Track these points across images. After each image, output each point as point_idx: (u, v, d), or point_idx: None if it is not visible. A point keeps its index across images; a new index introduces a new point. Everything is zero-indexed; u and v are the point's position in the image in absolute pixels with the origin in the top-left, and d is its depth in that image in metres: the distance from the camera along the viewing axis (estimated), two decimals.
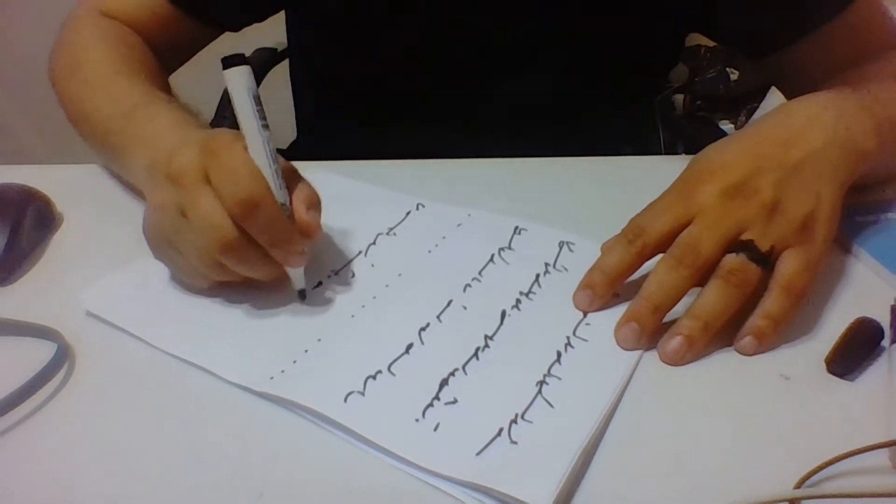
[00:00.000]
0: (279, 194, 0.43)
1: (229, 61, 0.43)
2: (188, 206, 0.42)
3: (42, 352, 0.42)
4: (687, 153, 1.10)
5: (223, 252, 0.42)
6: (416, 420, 0.38)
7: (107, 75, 0.60)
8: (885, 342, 0.43)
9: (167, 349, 0.43)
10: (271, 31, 0.81)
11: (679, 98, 1.65)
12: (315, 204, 0.45)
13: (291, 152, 0.91)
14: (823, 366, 0.42)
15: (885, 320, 0.44)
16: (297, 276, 0.46)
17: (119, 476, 0.36)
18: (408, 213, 0.56)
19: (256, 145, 0.43)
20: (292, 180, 0.45)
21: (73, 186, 0.60)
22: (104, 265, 0.51)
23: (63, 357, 0.42)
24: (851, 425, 0.38)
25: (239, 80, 0.43)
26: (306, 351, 0.43)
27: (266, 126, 0.43)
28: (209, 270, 0.44)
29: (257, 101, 0.43)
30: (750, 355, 0.43)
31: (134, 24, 0.67)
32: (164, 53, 0.68)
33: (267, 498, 0.35)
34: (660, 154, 0.95)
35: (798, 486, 0.34)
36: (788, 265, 0.43)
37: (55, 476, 0.36)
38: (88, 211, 0.58)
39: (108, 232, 0.56)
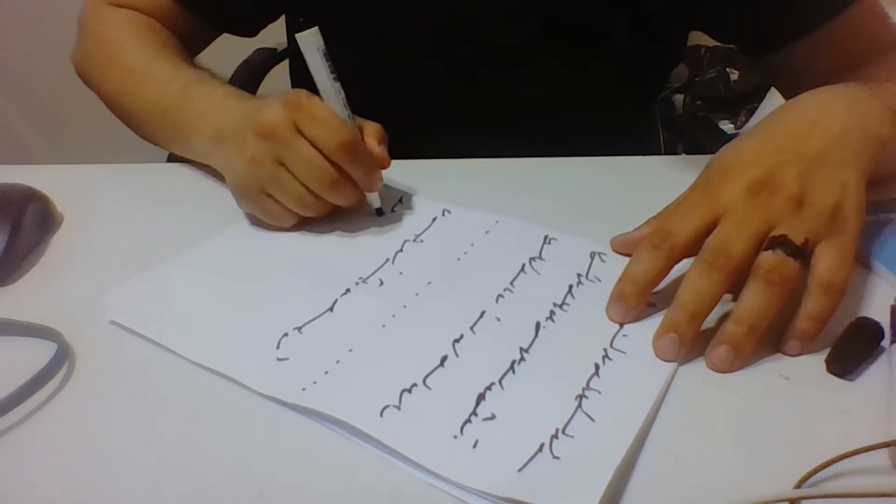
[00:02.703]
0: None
1: (300, 26, 0.49)
2: (287, 155, 0.49)
3: (42, 352, 0.42)
4: (687, 153, 1.10)
5: (329, 189, 0.50)
6: (455, 437, 0.37)
7: (149, 62, 0.63)
8: (885, 342, 0.43)
9: (195, 359, 0.42)
10: (271, 31, 0.82)
11: (679, 98, 1.65)
12: (383, 138, 0.54)
13: None
14: (823, 366, 0.42)
15: (885, 320, 0.43)
16: (373, 198, 0.55)
17: (119, 476, 0.36)
18: (434, 220, 0.55)
19: (331, 94, 0.50)
20: (360, 122, 0.53)
21: (73, 186, 0.60)
22: (104, 265, 0.51)
23: (63, 357, 0.42)
24: (851, 425, 0.38)
25: (311, 41, 0.49)
26: (338, 361, 0.42)
27: (336, 78, 0.50)
28: (306, 209, 0.52)
29: (327, 57, 0.50)
30: (796, 356, 0.42)
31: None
32: None
33: (267, 498, 0.35)
34: (660, 154, 0.95)
35: (798, 486, 0.34)
36: (825, 261, 0.42)
37: (55, 476, 0.36)
38: (88, 211, 0.58)
39: (108, 232, 0.56)
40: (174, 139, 0.61)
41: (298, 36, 0.49)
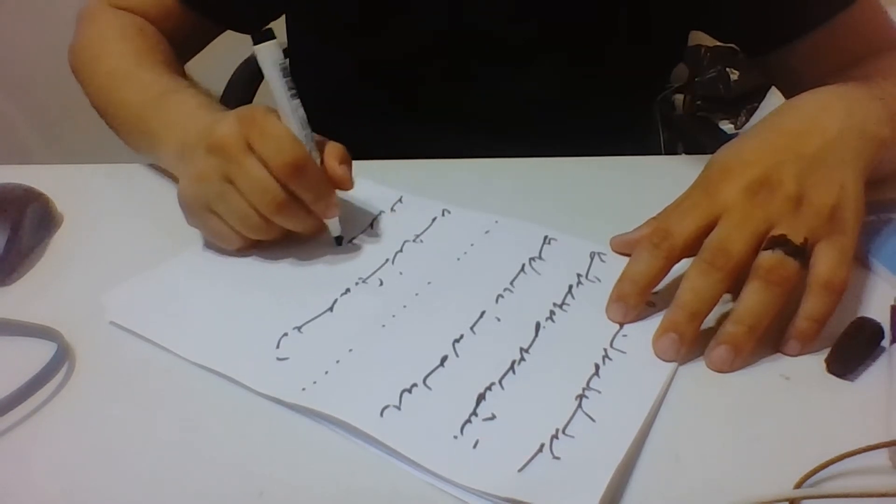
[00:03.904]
0: (313, 154, 0.48)
1: (259, 37, 0.47)
2: (235, 172, 0.46)
3: (42, 352, 0.42)
4: (687, 153, 1.11)
5: (276, 211, 0.47)
6: (455, 437, 0.37)
7: (130, 66, 0.63)
8: (885, 342, 0.43)
9: (195, 360, 0.42)
10: None
11: (679, 98, 1.65)
12: (346, 159, 0.50)
13: None
14: (823, 366, 0.42)
15: (885, 320, 0.43)
16: (333, 225, 0.51)
17: (119, 476, 0.36)
18: (434, 220, 0.55)
19: (287, 112, 0.48)
20: (321, 140, 0.50)
21: (73, 186, 0.60)
22: (104, 265, 0.51)
23: (63, 357, 0.42)
24: (851, 425, 0.38)
25: (268, 54, 0.47)
26: (338, 361, 0.42)
27: (294, 95, 0.48)
28: (252, 231, 0.49)
29: (286, 71, 0.47)
30: (795, 356, 0.42)
31: (143, 17, 0.69)
32: (173, 46, 0.69)
33: (267, 498, 0.35)
34: (660, 154, 0.95)
35: (798, 486, 0.34)
36: (824, 261, 0.42)
37: (55, 476, 0.36)
38: (88, 211, 0.58)
39: (108, 232, 0.56)
40: (146, 147, 0.60)
41: (255, 48, 0.47)
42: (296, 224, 0.49)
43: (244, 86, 1.10)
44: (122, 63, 0.63)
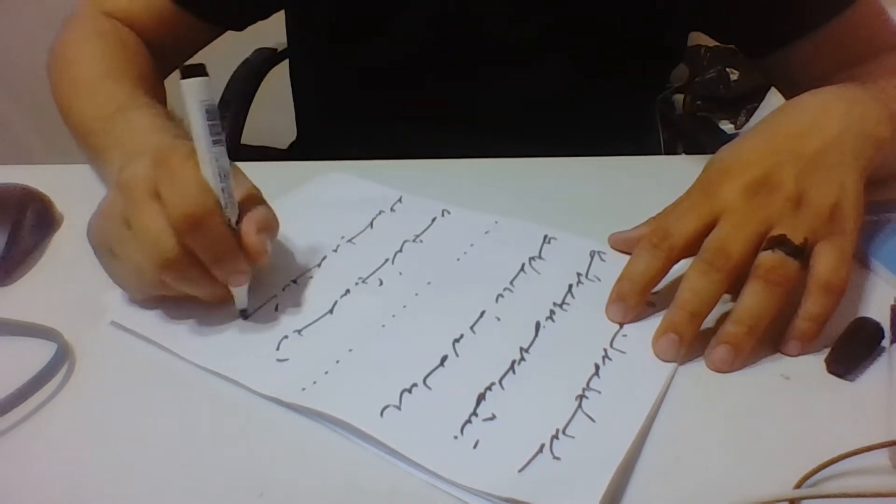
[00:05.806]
0: (228, 211, 0.42)
1: (188, 71, 0.41)
2: (132, 217, 0.41)
3: (42, 352, 0.42)
4: (687, 153, 1.10)
5: (162, 268, 0.41)
6: (455, 437, 0.37)
7: (95, 76, 0.61)
8: (885, 342, 0.43)
9: (196, 360, 0.42)
10: (271, 31, 0.82)
11: (679, 98, 1.65)
12: (268, 228, 0.44)
13: (291, 152, 0.91)
14: (823, 366, 0.42)
15: (885, 320, 0.44)
16: (239, 295, 0.45)
17: (119, 476, 0.36)
18: (434, 220, 0.55)
19: (205, 160, 0.41)
20: (250, 202, 0.44)
21: (73, 186, 0.60)
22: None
23: (63, 357, 0.42)
24: (851, 425, 0.38)
25: (193, 92, 0.41)
26: (338, 361, 0.42)
27: (218, 141, 0.42)
28: (145, 285, 0.44)
29: (211, 114, 0.41)
30: (795, 356, 0.42)
31: (134, 23, 0.68)
32: (164, 52, 0.68)
33: (267, 498, 0.35)
34: (660, 154, 0.95)
35: (798, 486, 0.34)
36: (824, 262, 0.42)
37: (55, 476, 0.36)
38: (88, 211, 0.58)
39: None
40: (93, 162, 0.58)
41: (181, 83, 0.41)
42: (191, 287, 0.43)
43: (244, 86, 1.10)
44: (88, 72, 0.61)
